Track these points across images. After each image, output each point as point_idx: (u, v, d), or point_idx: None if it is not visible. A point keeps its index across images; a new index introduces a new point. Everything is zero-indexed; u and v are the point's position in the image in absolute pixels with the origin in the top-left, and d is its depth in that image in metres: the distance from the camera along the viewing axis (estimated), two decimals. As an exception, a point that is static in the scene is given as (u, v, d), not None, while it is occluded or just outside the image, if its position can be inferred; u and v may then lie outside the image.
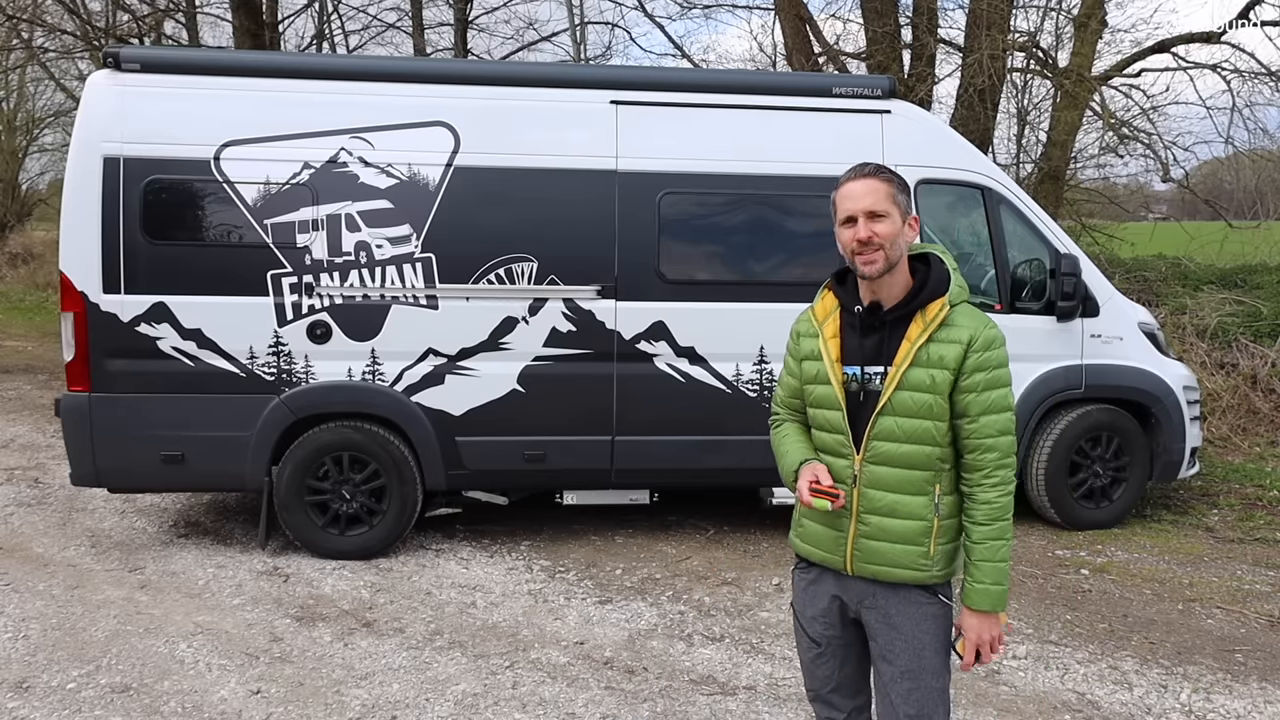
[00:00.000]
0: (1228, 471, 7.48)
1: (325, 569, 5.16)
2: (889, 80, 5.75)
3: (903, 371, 2.14)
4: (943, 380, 2.13)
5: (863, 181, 2.18)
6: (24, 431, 8.39)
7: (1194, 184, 12.87)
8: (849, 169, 2.23)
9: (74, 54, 17.08)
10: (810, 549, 2.33)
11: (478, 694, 3.78)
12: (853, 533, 2.22)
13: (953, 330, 2.15)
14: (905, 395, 2.14)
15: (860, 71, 12.44)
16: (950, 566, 2.24)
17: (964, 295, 2.21)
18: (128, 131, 5.05)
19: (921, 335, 2.14)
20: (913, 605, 2.21)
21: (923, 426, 2.15)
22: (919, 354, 2.14)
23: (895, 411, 2.15)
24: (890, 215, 2.14)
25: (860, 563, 2.23)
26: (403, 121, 5.26)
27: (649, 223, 5.39)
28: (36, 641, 4.21)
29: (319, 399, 5.26)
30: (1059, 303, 5.77)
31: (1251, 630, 4.57)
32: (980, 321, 2.17)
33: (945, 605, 2.25)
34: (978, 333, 2.14)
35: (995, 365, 2.14)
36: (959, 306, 2.19)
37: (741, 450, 5.53)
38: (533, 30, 18.28)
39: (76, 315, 5.01)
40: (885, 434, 2.16)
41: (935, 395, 2.13)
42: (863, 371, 2.20)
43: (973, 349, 2.13)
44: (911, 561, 2.19)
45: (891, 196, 2.16)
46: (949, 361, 2.13)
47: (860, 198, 2.16)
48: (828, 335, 2.26)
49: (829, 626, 2.33)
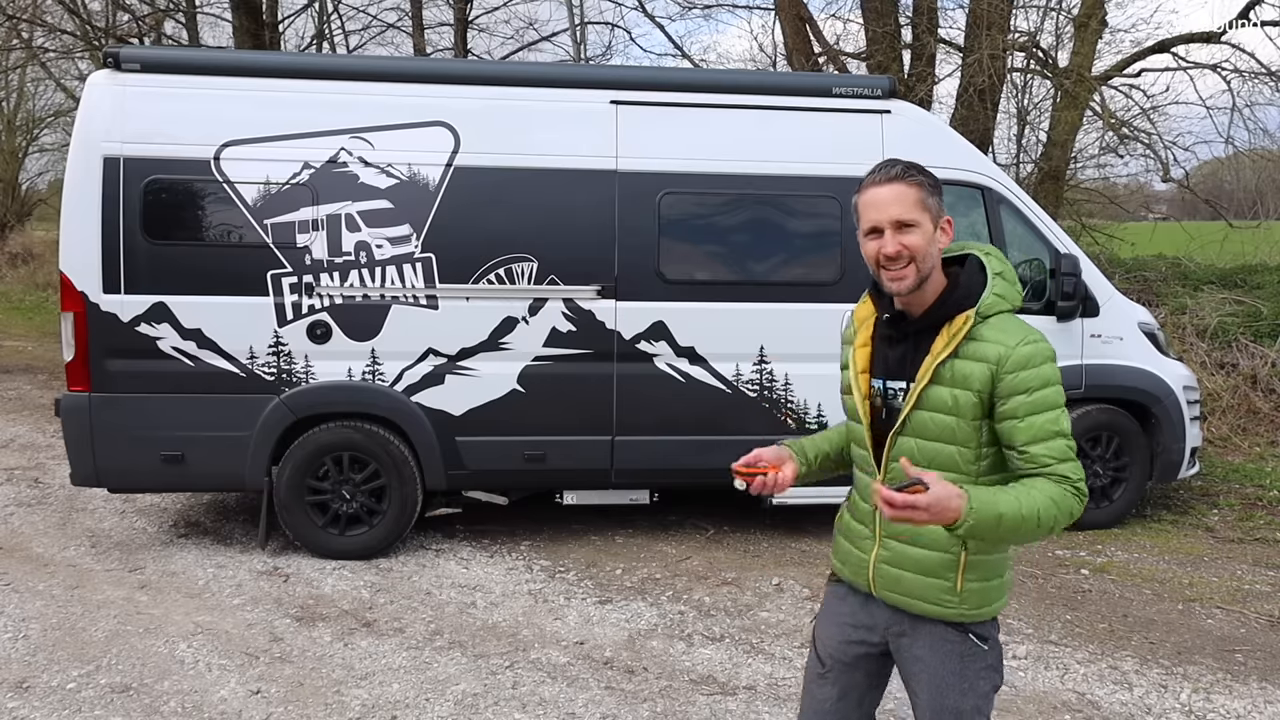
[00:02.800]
0: (1228, 471, 7.48)
1: (325, 569, 5.16)
2: (889, 80, 5.75)
3: (921, 389, 1.94)
4: (966, 403, 1.90)
5: (889, 187, 1.92)
6: (24, 431, 8.39)
7: (1194, 184, 12.87)
8: (873, 169, 1.98)
9: (74, 54, 17.09)
10: (840, 565, 2.19)
11: (478, 694, 3.78)
12: (875, 556, 2.07)
13: (981, 346, 1.91)
14: (925, 416, 1.95)
15: (860, 71, 12.44)
16: (987, 608, 2.00)
17: (1002, 305, 1.95)
18: (128, 131, 5.05)
19: (945, 350, 1.92)
20: (939, 641, 2.01)
21: (945, 451, 1.94)
22: (940, 370, 1.93)
23: (914, 433, 1.97)
24: (920, 224, 1.90)
25: (883, 589, 2.06)
26: (403, 121, 5.26)
27: (649, 223, 5.39)
28: (36, 641, 4.21)
29: (319, 399, 5.26)
30: (1059, 302, 5.77)
31: (1251, 630, 4.57)
32: (1016, 336, 1.90)
33: (978, 647, 2.00)
34: (1010, 351, 1.88)
35: (1038, 385, 1.87)
36: (993, 319, 1.93)
37: (742, 450, 5.47)
38: (533, 30, 18.34)
39: (76, 315, 5.01)
40: (904, 456, 1.94)
41: (958, 418, 1.92)
42: (885, 385, 2.03)
43: (1004, 370, 1.88)
44: (935, 596, 1.99)
45: (922, 202, 1.91)
46: (974, 382, 1.90)
47: (887, 206, 1.91)
48: (858, 343, 2.09)
49: (840, 651, 2.17)
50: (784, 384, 5.53)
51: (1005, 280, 1.98)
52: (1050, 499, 1.83)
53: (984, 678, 2.02)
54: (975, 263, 2.02)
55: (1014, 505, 1.80)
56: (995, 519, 1.78)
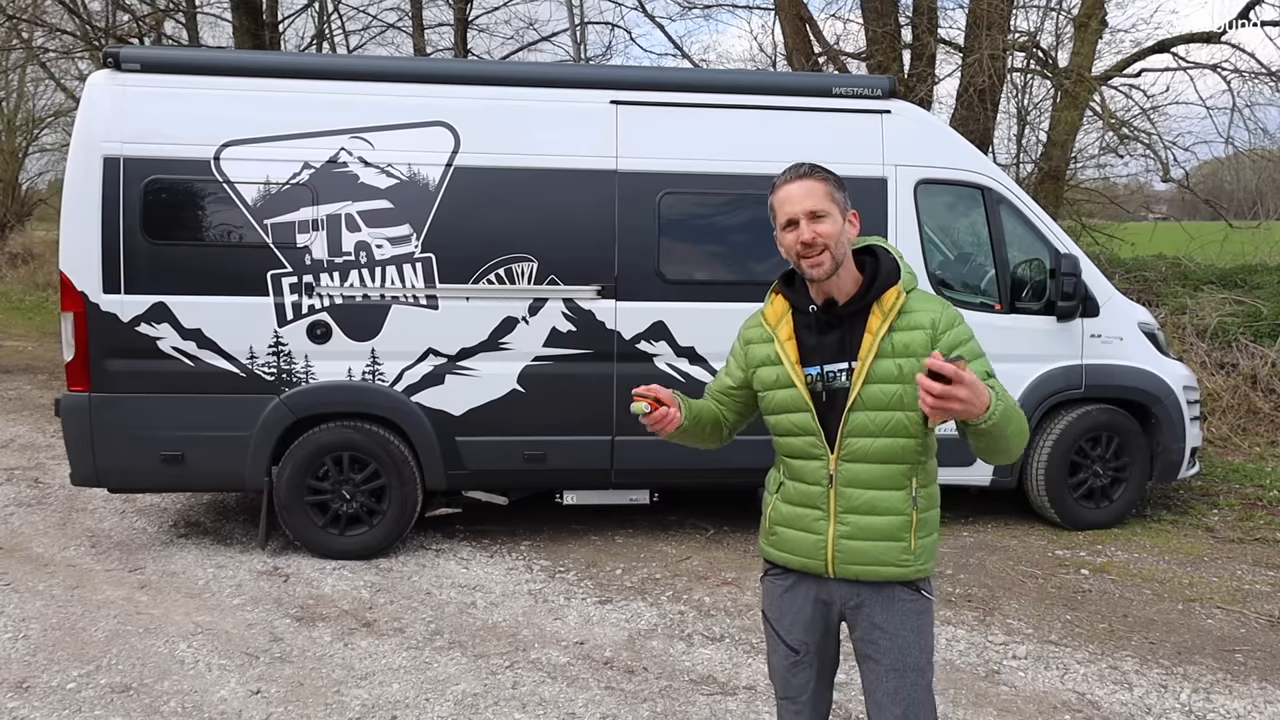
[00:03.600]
0: (1228, 471, 7.48)
1: (325, 569, 5.16)
2: (889, 80, 5.75)
3: (869, 364, 2.12)
4: (910, 369, 2.09)
5: (800, 183, 2.17)
6: (24, 431, 8.39)
7: (1194, 184, 12.87)
8: (783, 171, 2.22)
9: (74, 54, 17.10)
10: (786, 555, 2.29)
11: (478, 694, 3.78)
12: (832, 534, 2.19)
13: (914, 316, 2.14)
14: (875, 389, 2.12)
15: (860, 71, 12.45)
16: (931, 561, 2.22)
17: (914, 282, 2.20)
18: (128, 131, 5.05)
19: (882, 325, 2.13)
20: (897, 603, 2.19)
21: (895, 419, 2.12)
22: (883, 345, 2.12)
23: (866, 406, 2.13)
24: (831, 214, 2.13)
25: (842, 564, 2.20)
26: (403, 121, 5.26)
27: (649, 223, 5.39)
28: (36, 641, 4.21)
29: (319, 399, 5.26)
30: (1059, 303, 5.77)
31: (1251, 630, 4.57)
32: (937, 304, 2.17)
33: (928, 600, 2.23)
34: (939, 314, 2.14)
35: (967, 339, 2.13)
36: (913, 293, 2.18)
37: (741, 450, 5.51)
38: (533, 30, 18.39)
39: (76, 315, 5.01)
40: (859, 430, 2.14)
41: (904, 385, 2.10)
42: (823, 370, 2.18)
43: (940, 330, 2.12)
44: (894, 558, 2.16)
45: (830, 195, 2.15)
46: (916, 348, 2.10)
47: (799, 200, 2.15)
48: (783, 338, 2.25)
49: (809, 633, 2.30)
50: None
51: (907, 263, 2.23)
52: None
53: (930, 630, 2.23)
54: (883, 250, 2.24)
55: (1013, 401, 2.00)
56: (1011, 407, 1.96)
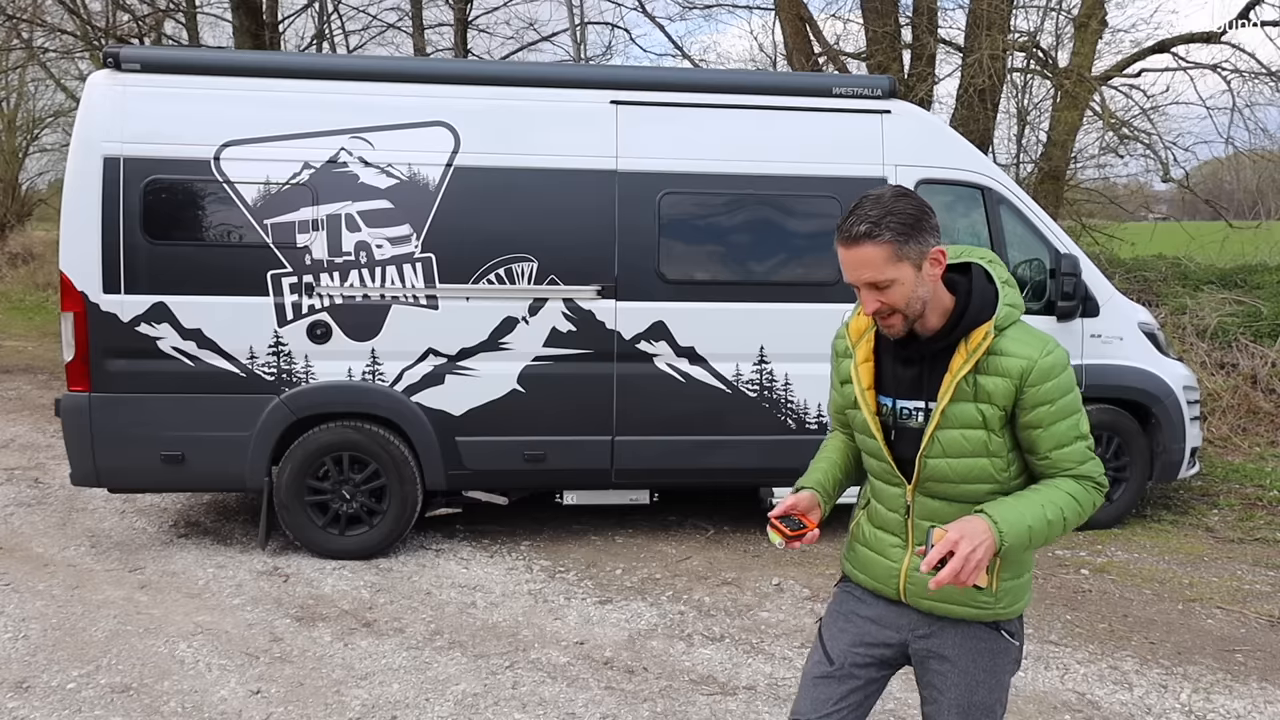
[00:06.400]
0: (1228, 471, 7.48)
1: (325, 569, 5.16)
2: (889, 80, 5.75)
3: (944, 408, 1.92)
4: (993, 416, 1.90)
5: (854, 252, 1.85)
6: (24, 431, 8.39)
7: (1194, 184, 12.86)
8: (841, 221, 1.88)
9: (74, 54, 17.09)
10: (860, 575, 2.15)
11: (478, 694, 3.78)
12: (907, 564, 2.04)
13: (1002, 361, 1.89)
14: (955, 434, 1.93)
15: (860, 71, 12.44)
16: (1020, 603, 2.03)
17: (1015, 315, 1.93)
18: (128, 131, 5.05)
19: (964, 366, 1.90)
20: (970, 639, 2.03)
21: (978, 465, 1.94)
22: (961, 387, 1.91)
23: (946, 453, 1.95)
24: (896, 279, 1.84)
25: (914, 596, 2.05)
26: (403, 121, 5.26)
27: (649, 223, 5.39)
28: (36, 641, 4.21)
29: (319, 399, 5.25)
30: (1059, 302, 5.77)
31: (1251, 630, 4.57)
32: (1036, 348, 1.89)
33: (1009, 643, 2.04)
34: (1032, 364, 1.87)
35: (1060, 395, 1.89)
36: (1008, 330, 1.91)
37: (742, 450, 5.54)
38: (533, 30, 18.34)
39: (76, 315, 5.01)
40: (937, 474, 1.97)
41: (987, 431, 1.91)
42: (895, 405, 2.01)
43: (1028, 383, 1.88)
44: (969, 598, 1.99)
45: (891, 257, 1.83)
46: (998, 398, 1.89)
47: (857, 269, 1.86)
48: (860, 359, 2.05)
49: (854, 648, 2.12)
50: (784, 384, 5.53)
51: (1011, 288, 1.97)
52: (1071, 496, 1.91)
53: (1009, 671, 2.07)
54: (980, 273, 1.98)
55: (1038, 513, 1.87)
56: (1025, 531, 1.84)
